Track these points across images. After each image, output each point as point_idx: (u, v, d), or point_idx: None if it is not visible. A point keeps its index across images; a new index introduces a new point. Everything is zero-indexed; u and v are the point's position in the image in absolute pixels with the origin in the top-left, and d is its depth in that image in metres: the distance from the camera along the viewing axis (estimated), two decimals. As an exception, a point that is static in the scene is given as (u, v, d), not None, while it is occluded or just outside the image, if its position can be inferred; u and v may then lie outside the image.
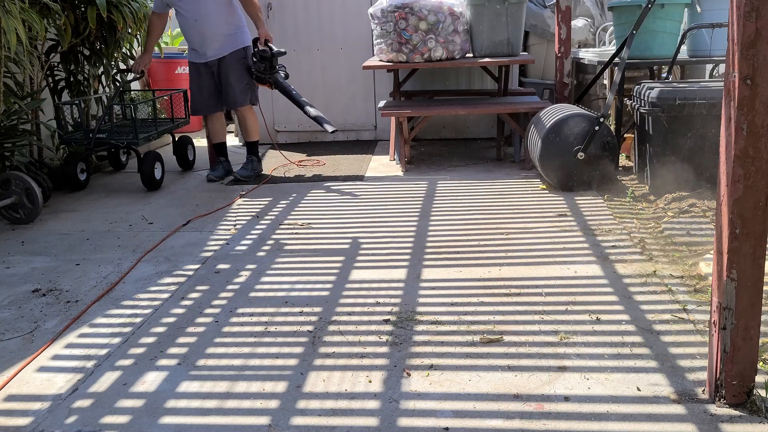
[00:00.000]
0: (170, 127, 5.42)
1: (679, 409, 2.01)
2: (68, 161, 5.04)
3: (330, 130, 5.03)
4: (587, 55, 5.66)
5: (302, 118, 6.61)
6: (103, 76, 5.82)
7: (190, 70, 5.16)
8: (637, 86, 4.40)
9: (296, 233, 3.83)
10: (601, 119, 4.31)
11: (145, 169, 4.97)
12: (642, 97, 4.25)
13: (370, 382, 2.23)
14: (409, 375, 2.25)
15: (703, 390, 2.09)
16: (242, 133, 5.29)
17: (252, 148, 5.28)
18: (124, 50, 5.82)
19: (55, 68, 5.38)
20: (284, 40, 6.45)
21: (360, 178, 5.11)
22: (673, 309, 2.66)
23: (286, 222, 4.05)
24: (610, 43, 6.60)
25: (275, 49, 4.94)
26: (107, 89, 5.93)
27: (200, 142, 6.71)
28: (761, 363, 2.18)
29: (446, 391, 2.15)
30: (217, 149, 5.35)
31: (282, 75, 5.07)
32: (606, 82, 6.10)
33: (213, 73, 5.06)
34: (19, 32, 4.14)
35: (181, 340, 2.60)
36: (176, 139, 5.69)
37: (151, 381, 2.30)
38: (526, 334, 2.51)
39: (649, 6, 4.36)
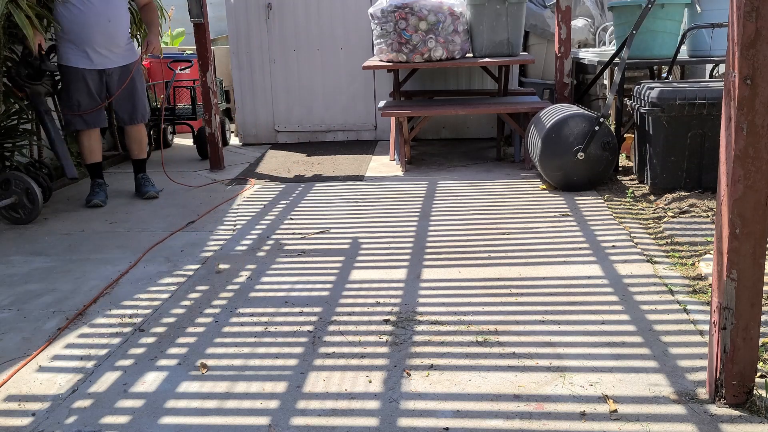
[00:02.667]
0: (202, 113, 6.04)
1: (679, 409, 2.01)
2: None
3: (69, 176, 4.49)
4: (587, 55, 5.66)
5: (302, 118, 6.63)
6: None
7: (73, 77, 4.47)
8: (637, 86, 4.40)
9: (296, 233, 3.83)
10: (601, 119, 4.31)
11: (200, 142, 6.02)
12: (642, 97, 4.25)
13: (370, 382, 2.22)
14: (409, 375, 2.25)
15: (704, 390, 2.09)
16: (136, 150, 4.85)
17: (142, 166, 4.91)
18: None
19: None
20: (284, 40, 6.46)
21: (360, 178, 5.11)
22: (673, 309, 2.66)
23: (286, 222, 4.05)
24: (610, 43, 6.60)
25: (48, 62, 4.42)
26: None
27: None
28: (761, 363, 2.18)
29: (446, 391, 2.15)
30: (96, 170, 4.75)
31: (44, 91, 4.46)
32: (606, 82, 6.10)
33: (105, 82, 4.56)
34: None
35: (181, 340, 2.60)
36: (196, 131, 6.09)
37: (151, 381, 2.30)
38: (526, 334, 2.51)
39: (649, 6, 4.36)
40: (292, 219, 4.11)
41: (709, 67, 5.51)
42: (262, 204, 4.49)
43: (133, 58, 4.63)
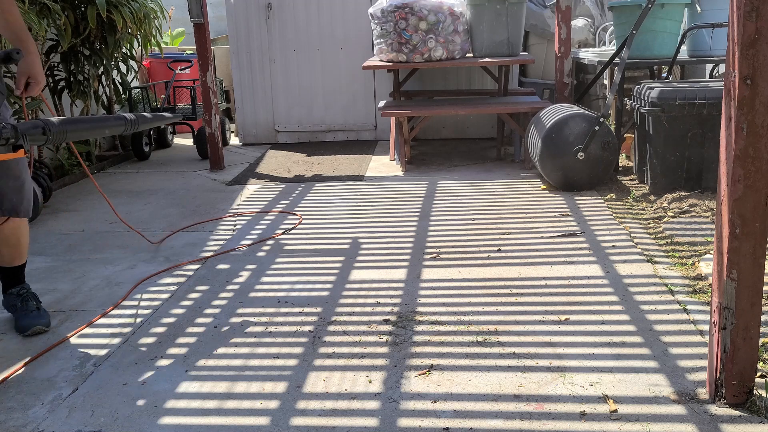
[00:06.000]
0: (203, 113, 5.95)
1: (679, 409, 2.01)
2: (135, 137, 6.05)
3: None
4: (587, 55, 5.66)
5: (302, 118, 6.62)
6: (103, 76, 5.82)
7: None
8: (637, 86, 4.40)
9: (296, 233, 3.83)
10: (601, 119, 4.31)
11: (200, 142, 5.99)
12: (642, 97, 4.25)
13: (370, 382, 2.22)
14: (409, 375, 2.25)
15: (704, 390, 2.09)
16: (7, 254, 2.76)
17: (20, 275, 2.86)
18: (124, 50, 5.82)
19: (55, 68, 5.38)
20: (284, 40, 6.46)
21: (360, 178, 5.11)
22: (673, 309, 2.66)
23: (286, 222, 4.05)
24: (610, 43, 6.60)
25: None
26: (107, 89, 5.95)
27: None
28: (761, 363, 2.18)
29: (446, 391, 2.15)
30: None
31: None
32: (606, 82, 6.10)
33: None
34: None
35: (181, 340, 2.60)
36: (196, 131, 6.09)
37: (151, 381, 2.30)
38: (526, 334, 2.51)
39: (649, 6, 4.36)
40: (292, 219, 4.11)
41: (709, 67, 5.51)
42: (262, 204, 4.49)
43: None
